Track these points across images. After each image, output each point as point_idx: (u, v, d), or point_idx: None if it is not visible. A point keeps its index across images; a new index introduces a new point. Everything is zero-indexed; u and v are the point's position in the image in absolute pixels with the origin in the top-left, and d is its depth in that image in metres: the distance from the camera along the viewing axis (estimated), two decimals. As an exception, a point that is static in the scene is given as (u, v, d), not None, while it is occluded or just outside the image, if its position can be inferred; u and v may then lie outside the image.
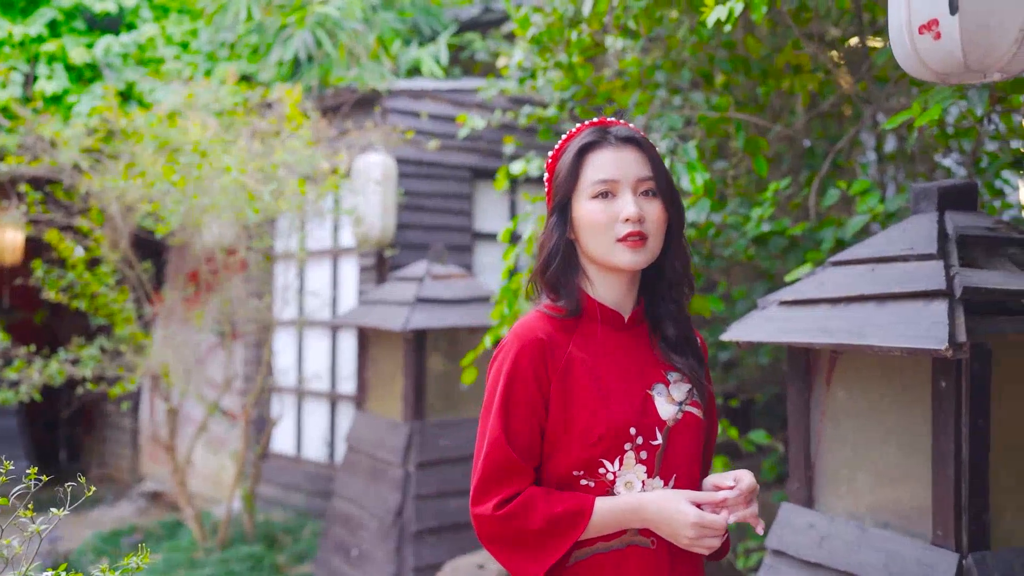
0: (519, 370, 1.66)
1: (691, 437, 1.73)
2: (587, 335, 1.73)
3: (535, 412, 1.67)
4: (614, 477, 1.66)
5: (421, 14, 7.37)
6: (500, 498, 1.64)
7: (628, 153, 1.70)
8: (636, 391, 1.70)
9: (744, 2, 3.13)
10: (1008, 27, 1.56)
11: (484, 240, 6.74)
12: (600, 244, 1.69)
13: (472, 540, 5.16)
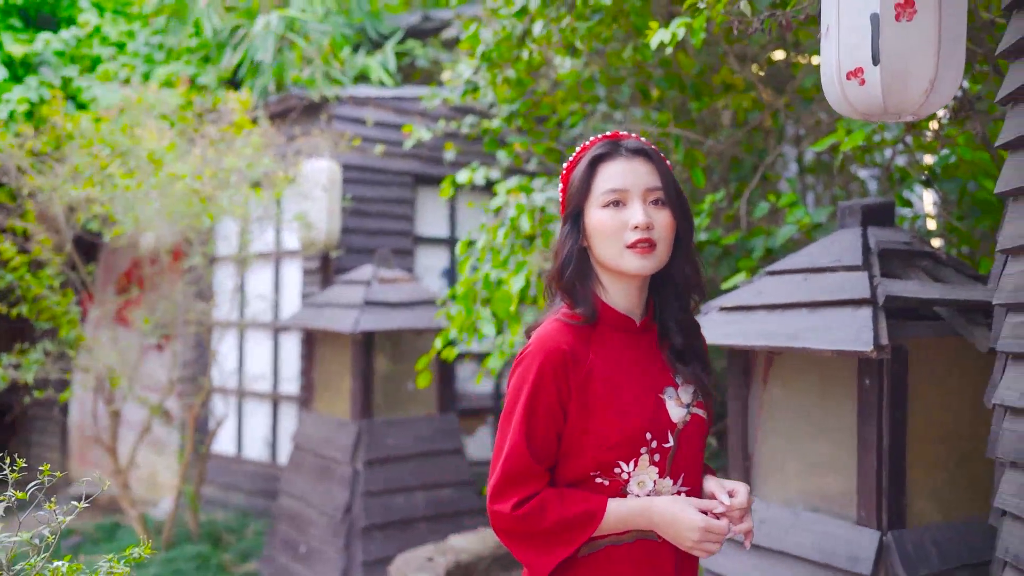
0: (542, 380, 1.72)
1: (698, 438, 1.81)
2: (603, 342, 1.79)
3: (554, 420, 1.73)
4: (628, 477, 1.73)
5: (369, 20, 7.50)
6: (517, 499, 1.71)
7: (638, 164, 1.77)
8: (649, 395, 1.77)
9: (685, 27, 3.38)
10: (920, 78, 1.82)
11: (425, 244, 6.93)
12: (610, 250, 1.75)
13: (418, 535, 5.35)
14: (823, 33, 1.93)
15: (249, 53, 6.73)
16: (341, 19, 7.28)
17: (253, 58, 6.71)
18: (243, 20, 7.06)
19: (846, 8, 1.84)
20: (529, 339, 1.81)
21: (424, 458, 5.52)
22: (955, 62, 1.84)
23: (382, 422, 5.42)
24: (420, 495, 5.43)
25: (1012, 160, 2.13)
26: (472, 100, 5.63)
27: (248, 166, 5.30)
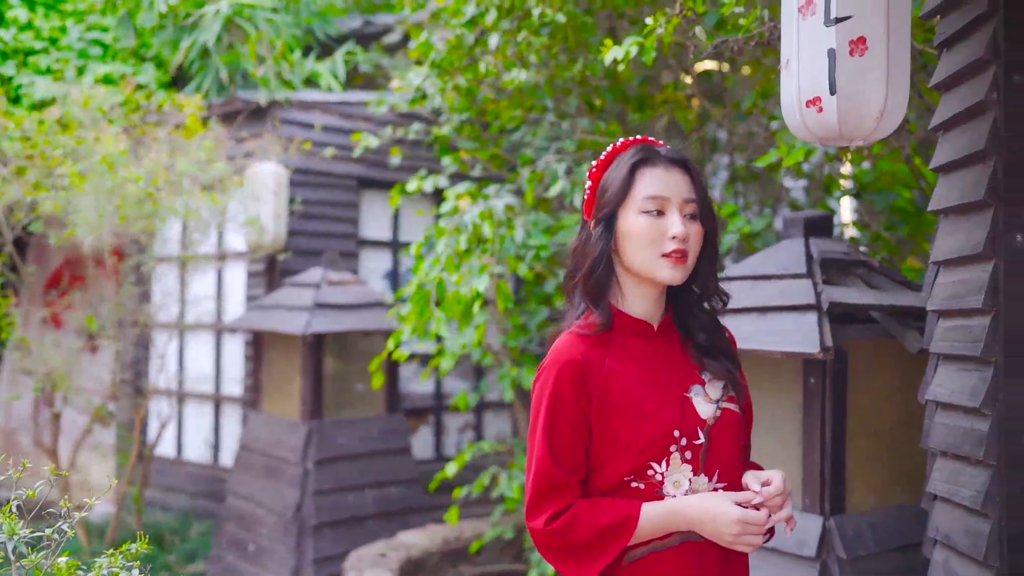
0: (560, 393, 1.72)
1: (731, 432, 1.79)
2: (621, 348, 1.79)
3: (578, 431, 1.73)
4: (662, 478, 1.72)
5: (319, 22, 7.56)
6: (550, 513, 1.71)
7: (677, 174, 1.78)
8: (674, 395, 1.76)
9: (637, 45, 3.57)
10: (872, 107, 2.03)
11: (368, 247, 7.02)
12: (646, 258, 1.75)
13: (368, 532, 5.46)
14: (783, 64, 2.13)
15: (198, 39, 6.73)
16: (289, 19, 7.33)
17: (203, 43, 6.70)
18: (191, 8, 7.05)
19: (805, 43, 2.04)
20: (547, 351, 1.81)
21: (373, 457, 5.63)
22: (901, 92, 2.05)
23: (332, 422, 5.51)
24: (369, 493, 5.54)
25: (943, 182, 2.37)
26: (419, 106, 5.76)
27: (200, 169, 5.34)
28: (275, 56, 6.57)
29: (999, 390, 2.04)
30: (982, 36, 2.13)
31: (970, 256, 2.16)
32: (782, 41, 2.13)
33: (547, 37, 4.42)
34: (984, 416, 2.10)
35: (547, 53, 4.53)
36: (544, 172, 4.64)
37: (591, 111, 5.14)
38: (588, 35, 4.66)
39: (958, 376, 2.23)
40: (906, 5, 2.02)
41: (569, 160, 4.39)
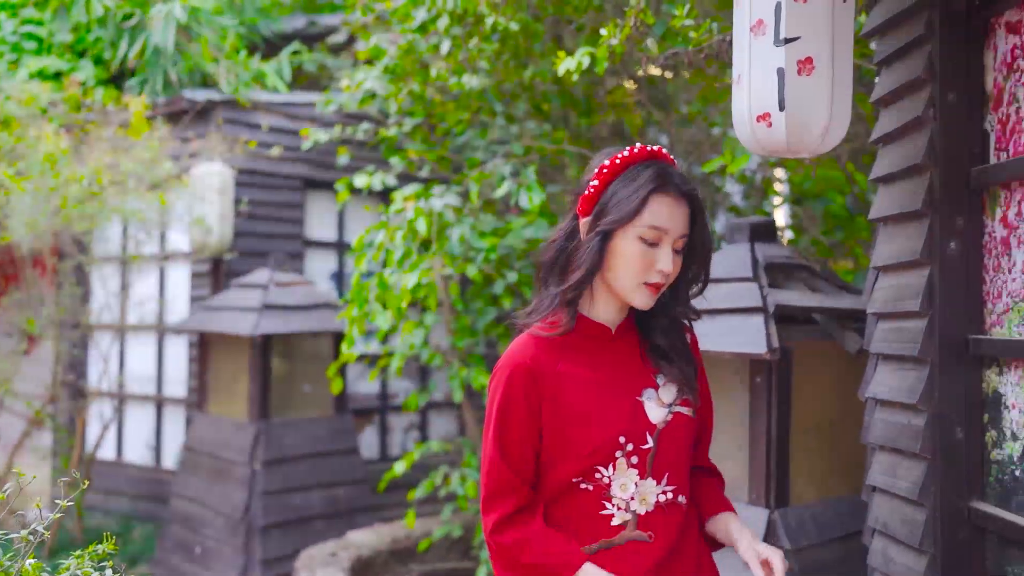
0: (511, 395, 1.74)
1: (682, 436, 1.81)
2: (576, 350, 1.80)
3: (527, 433, 1.75)
4: (609, 481, 1.74)
5: (263, 20, 7.52)
6: (499, 515, 1.75)
7: (683, 207, 1.76)
8: (626, 400, 1.78)
9: (589, 56, 3.67)
10: (817, 123, 2.16)
11: (314, 247, 7.02)
12: (628, 281, 1.74)
13: (316, 532, 5.48)
14: (735, 81, 2.24)
15: (150, 40, 6.65)
16: (234, 19, 7.29)
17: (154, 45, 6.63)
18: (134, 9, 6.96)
19: (756, 62, 2.15)
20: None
21: (321, 458, 5.65)
22: (844, 109, 2.18)
23: (279, 423, 5.52)
24: (317, 494, 5.56)
25: (883, 192, 2.51)
26: (367, 106, 5.79)
27: (146, 169, 5.30)
28: (226, 55, 6.54)
29: (934, 388, 2.18)
30: (919, 56, 2.27)
31: (908, 262, 2.30)
32: (734, 58, 2.24)
33: (498, 44, 4.50)
34: (920, 412, 2.23)
35: (497, 59, 4.61)
36: (492, 174, 4.73)
37: (539, 115, 5.24)
38: (536, 41, 4.76)
39: (896, 375, 2.37)
40: (849, 27, 2.15)
41: (516, 163, 4.48)
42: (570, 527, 1.77)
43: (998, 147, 2.13)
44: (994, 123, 2.15)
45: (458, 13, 4.28)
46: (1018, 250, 2.05)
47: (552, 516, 1.79)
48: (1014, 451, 2.05)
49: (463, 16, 4.32)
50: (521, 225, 4.70)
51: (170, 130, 6.00)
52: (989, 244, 2.16)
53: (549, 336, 1.78)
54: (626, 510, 1.75)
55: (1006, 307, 2.09)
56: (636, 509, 1.75)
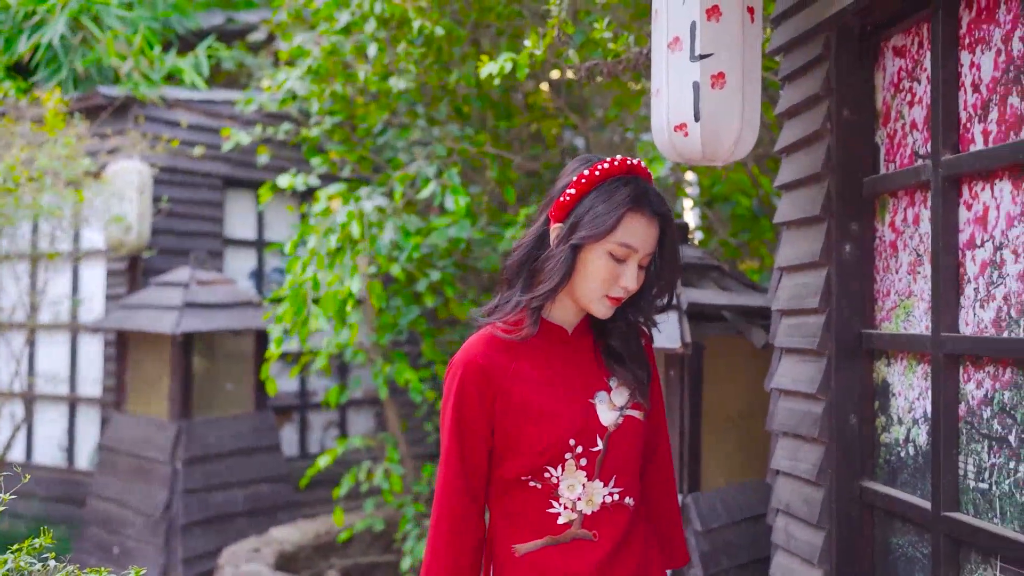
0: (464, 393, 1.77)
1: (632, 439, 1.82)
2: (532, 350, 1.81)
3: (480, 431, 1.78)
4: (557, 481, 1.76)
5: (177, 17, 7.45)
6: (450, 511, 1.79)
7: (654, 228, 1.77)
8: (578, 401, 1.79)
9: (511, 62, 3.82)
10: (729, 133, 2.34)
11: (233, 246, 7.01)
12: (591, 293, 1.76)
13: (238, 529, 5.50)
14: (654, 93, 2.41)
15: (43, 36, 6.53)
16: (146, 13, 7.20)
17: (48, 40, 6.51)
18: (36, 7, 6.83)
19: (673, 76, 2.32)
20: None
21: (242, 455, 5.67)
22: (753, 119, 2.37)
23: (201, 421, 5.52)
24: (239, 491, 5.58)
25: (785, 198, 2.72)
26: (288, 106, 5.82)
27: (64, 166, 5.24)
28: (134, 52, 6.47)
29: (831, 378, 2.39)
30: (818, 74, 2.47)
31: (808, 263, 2.51)
32: (652, 72, 2.41)
33: (422, 47, 4.61)
34: (819, 401, 2.44)
35: (421, 62, 4.72)
36: (416, 175, 4.83)
37: (459, 118, 5.36)
38: (458, 45, 4.89)
39: (798, 367, 2.58)
40: (757, 45, 2.34)
41: (439, 164, 4.61)
42: (517, 521, 1.80)
43: (887, 159, 2.35)
44: (884, 137, 2.37)
45: (384, 17, 4.38)
46: (904, 252, 2.26)
47: (499, 509, 1.83)
48: (899, 434, 2.26)
49: (389, 20, 4.42)
50: (444, 225, 4.82)
51: (87, 126, 5.93)
52: (879, 247, 2.38)
53: (506, 337, 1.80)
54: (572, 510, 1.77)
55: (894, 304, 2.31)
56: (582, 509, 1.77)
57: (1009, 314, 1.86)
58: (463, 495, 1.79)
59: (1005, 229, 1.88)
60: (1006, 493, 1.85)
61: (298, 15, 5.49)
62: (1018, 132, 1.84)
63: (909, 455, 2.22)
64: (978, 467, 1.94)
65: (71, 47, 6.65)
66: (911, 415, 2.22)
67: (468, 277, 6.11)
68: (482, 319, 1.86)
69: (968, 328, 1.99)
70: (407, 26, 4.45)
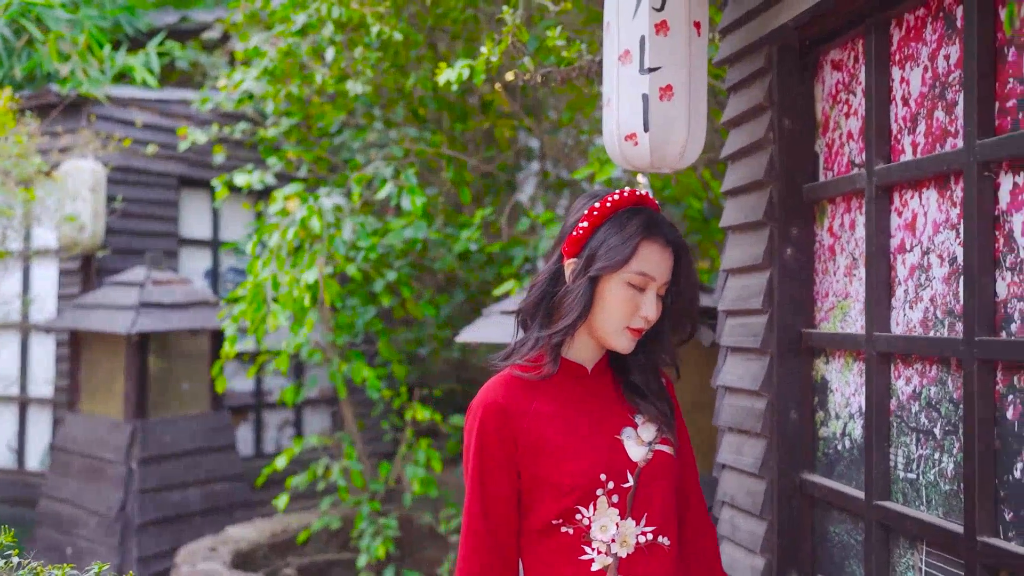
0: (485, 436, 1.71)
1: (664, 475, 1.76)
2: (552, 389, 1.77)
3: (505, 475, 1.72)
4: (589, 522, 1.69)
5: (126, 16, 7.40)
6: (471, 563, 1.72)
7: (669, 256, 1.76)
8: (604, 438, 1.74)
9: (468, 68, 3.90)
10: (677, 142, 2.45)
11: (189, 246, 6.99)
12: (612, 325, 1.74)
13: (194, 528, 5.51)
14: (606, 103, 2.51)
15: None
16: (94, 12, 7.15)
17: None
18: None
19: (623, 87, 2.42)
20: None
21: (198, 455, 5.68)
22: (700, 129, 2.48)
23: (157, 421, 5.52)
24: (194, 490, 5.59)
25: (731, 203, 2.83)
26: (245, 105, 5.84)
27: (15, 164, 5.20)
28: (79, 51, 6.42)
29: (773, 375, 2.51)
30: (761, 85, 2.59)
31: (752, 266, 2.63)
32: (604, 83, 2.51)
33: (380, 52, 4.67)
34: (761, 397, 2.56)
35: (378, 66, 4.78)
36: (373, 176, 4.89)
37: (415, 120, 5.43)
38: (415, 49, 4.96)
39: (742, 365, 2.70)
40: (703, 58, 2.45)
41: (396, 165, 4.68)
42: (549, 574, 1.73)
43: (826, 167, 2.48)
44: (822, 146, 2.49)
45: (342, 21, 4.43)
46: (841, 256, 2.39)
47: (530, 565, 1.76)
48: (836, 429, 2.39)
49: (346, 24, 4.47)
50: (401, 225, 4.89)
51: (38, 125, 5.89)
52: (819, 251, 2.50)
53: (526, 377, 1.76)
54: (607, 553, 1.70)
55: (832, 305, 2.43)
56: (617, 552, 1.70)
57: (935, 314, 1.98)
58: (486, 549, 1.72)
59: (932, 235, 2.00)
60: (931, 482, 1.98)
61: (254, 16, 5.52)
62: (943, 144, 1.97)
63: (845, 448, 2.35)
64: (907, 458, 2.07)
65: (13, 50, 6.58)
66: (847, 410, 2.34)
67: (424, 277, 6.18)
68: (500, 363, 1.82)
69: (899, 328, 2.11)
70: (364, 30, 4.51)
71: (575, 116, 5.34)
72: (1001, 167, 1.79)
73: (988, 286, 1.80)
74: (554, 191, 6.59)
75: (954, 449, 1.91)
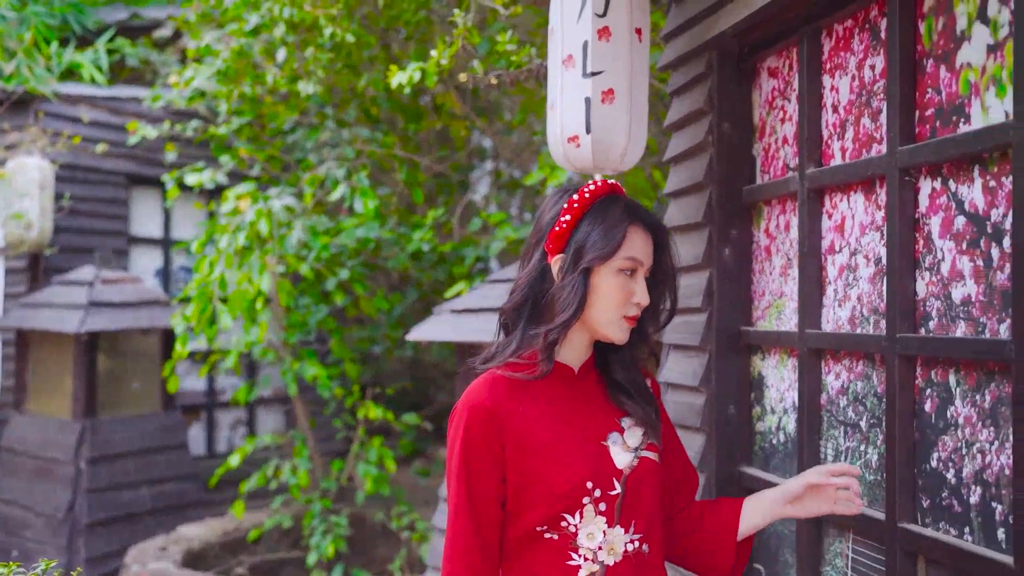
0: (470, 439, 1.68)
1: (650, 482, 1.74)
2: (540, 392, 1.73)
3: (491, 479, 1.68)
4: (576, 530, 1.66)
5: (74, 13, 7.31)
6: (457, 567, 1.68)
7: (650, 240, 1.77)
8: (590, 444, 1.71)
9: (420, 71, 3.94)
10: (618, 144, 2.52)
11: (139, 244, 6.94)
12: (609, 316, 1.72)
13: (144, 528, 5.48)
14: (550, 106, 2.57)
15: None
16: (42, 9, 7.06)
17: None
18: None
19: (567, 91, 2.49)
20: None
21: (149, 454, 5.65)
22: (641, 132, 2.55)
23: (107, 421, 5.49)
24: (145, 490, 5.56)
25: (673, 204, 2.91)
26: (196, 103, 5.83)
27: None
28: (25, 48, 6.35)
29: (712, 372, 2.59)
30: (702, 90, 2.67)
31: (692, 266, 2.70)
32: (548, 87, 2.57)
33: (332, 52, 4.69)
34: (701, 393, 2.64)
35: (330, 67, 4.81)
36: (325, 176, 4.92)
37: (368, 120, 5.46)
38: (367, 50, 4.99)
39: (683, 362, 2.77)
40: (644, 63, 2.52)
41: (348, 166, 4.71)
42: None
43: (762, 170, 2.56)
44: (759, 150, 2.58)
45: (294, 22, 4.45)
46: (777, 256, 2.47)
47: (513, 571, 1.72)
48: (772, 423, 2.48)
49: (298, 25, 4.49)
50: (353, 225, 4.91)
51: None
52: (756, 251, 2.59)
53: (512, 376, 1.72)
54: (593, 561, 1.66)
55: (768, 303, 2.52)
56: (604, 560, 1.67)
57: (862, 312, 2.07)
58: (473, 552, 1.67)
59: (859, 237, 2.09)
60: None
61: (206, 15, 5.51)
62: (869, 150, 2.06)
63: (780, 441, 2.43)
64: (836, 450, 2.16)
65: None
66: (782, 405, 2.43)
67: (378, 276, 6.21)
68: (480, 367, 1.78)
69: (829, 325, 2.20)
70: (317, 31, 4.53)
71: (527, 117, 5.40)
72: (921, 172, 1.88)
73: (909, 285, 1.89)
74: (507, 191, 6.66)
75: (878, 441, 2.00)
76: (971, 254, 1.74)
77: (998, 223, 1.67)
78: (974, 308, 1.73)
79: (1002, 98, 1.66)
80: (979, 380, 1.71)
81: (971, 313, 1.73)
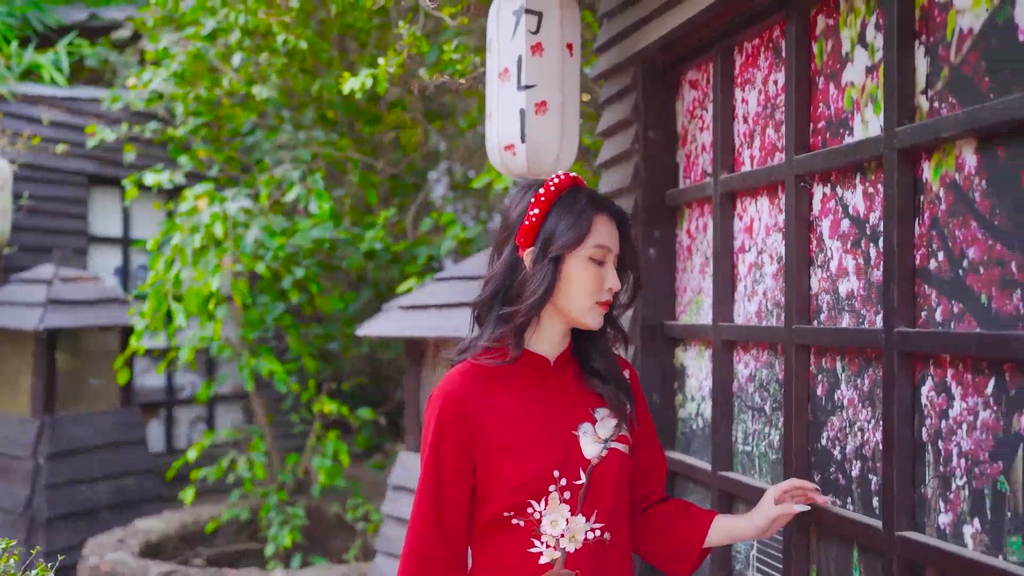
0: (443, 428, 1.73)
1: (615, 473, 1.78)
2: (513, 382, 1.79)
3: (460, 468, 1.73)
4: (540, 516, 1.71)
5: (35, 12, 7.36)
6: (414, 551, 1.74)
7: (615, 226, 1.81)
8: (560, 433, 1.76)
9: (372, 77, 4.10)
10: (550, 152, 2.70)
11: (99, 244, 7.02)
12: (582, 303, 1.77)
13: (103, 522, 5.58)
14: (488, 116, 2.74)
15: None
16: (1, 9, 7.12)
17: None
18: None
19: (503, 102, 2.66)
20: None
21: (108, 450, 5.75)
22: (572, 141, 2.73)
23: (66, 417, 5.58)
24: (104, 485, 5.66)
25: (607, 205, 3.10)
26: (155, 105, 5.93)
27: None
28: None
29: (637, 363, 2.78)
30: (629, 100, 2.86)
31: (622, 264, 2.89)
32: (487, 98, 2.75)
33: (286, 58, 4.83)
34: (630, 383, 2.83)
35: (286, 71, 4.94)
36: (281, 178, 5.05)
37: (324, 123, 5.60)
38: (323, 55, 5.13)
39: (614, 354, 2.96)
40: (576, 76, 2.70)
41: (304, 168, 4.85)
42: (497, 564, 1.75)
43: (685, 175, 2.76)
44: (682, 157, 2.77)
45: (249, 27, 4.59)
46: (696, 255, 2.67)
47: (479, 556, 1.78)
48: (692, 410, 2.67)
49: (253, 31, 4.63)
50: (308, 226, 5.05)
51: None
52: (678, 250, 2.78)
53: (487, 364, 1.77)
54: (555, 547, 1.72)
55: (689, 299, 2.71)
56: (565, 547, 1.73)
57: (767, 306, 2.27)
58: (433, 536, 1.74)
59: (765, 237, 2.29)
60: (763, 453, 2.26)
61: (165, 18, 5.61)
62: (772, 158, 2.26)
63: (699, 427, 2.63)
64: (745, 433, 2.36)
65: None
66: (700, 392, 2.63)
67: (334, 275, 6.35)
68: (455, 358, 1.84)
69: (740, 318, 2.40)
70: (272, 37, 4.66)
71: (480, 119, 5.58)
72: (814, 179, 2.08)
73: (804, 281, 2.09)
74: (461, 192, 6.82)
75: (779, 423, 2.20)
76: (854, 253, 1.94)
77: (875, 225, 1.87)
78: (856, 301, 1.93)
79: (878, 114, 1.87)
80: (860, 366, 1.91)
81: (854, 306, 1.94)
